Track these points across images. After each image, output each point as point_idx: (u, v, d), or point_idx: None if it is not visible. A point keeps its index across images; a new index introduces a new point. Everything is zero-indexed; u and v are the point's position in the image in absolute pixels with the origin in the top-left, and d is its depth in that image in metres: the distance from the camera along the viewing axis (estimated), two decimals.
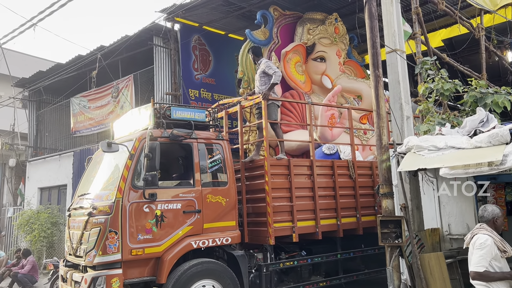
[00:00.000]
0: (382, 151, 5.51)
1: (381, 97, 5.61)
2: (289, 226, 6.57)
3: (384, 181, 5.43)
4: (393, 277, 5.22)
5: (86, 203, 5.78)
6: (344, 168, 7.48)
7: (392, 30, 6.10)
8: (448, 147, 4.83)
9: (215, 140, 6.41)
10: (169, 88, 11.06)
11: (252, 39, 9.30)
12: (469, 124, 5.29)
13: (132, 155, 5.58)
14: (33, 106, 15.71)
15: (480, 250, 3.90)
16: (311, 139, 7.28)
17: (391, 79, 6.07)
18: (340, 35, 10.66)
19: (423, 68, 6.97)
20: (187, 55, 11.17)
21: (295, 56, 9.81)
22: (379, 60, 5.70)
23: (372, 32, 5.75)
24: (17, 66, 20.52)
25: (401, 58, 6.08)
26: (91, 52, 12.06)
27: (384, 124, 5.55)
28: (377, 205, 7.52)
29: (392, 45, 6.07)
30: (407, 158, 5.06)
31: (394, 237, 5.24)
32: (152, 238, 5.44)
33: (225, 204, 6.16)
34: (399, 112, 5.95)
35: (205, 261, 5.79)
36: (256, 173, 6.76)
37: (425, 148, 4.95)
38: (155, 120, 6.02)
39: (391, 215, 5.32)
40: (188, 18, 11.04)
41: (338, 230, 7.10)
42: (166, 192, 5.75)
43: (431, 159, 4.77)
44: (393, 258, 5.26)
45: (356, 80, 10.48)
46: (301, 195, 6.80)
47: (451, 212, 6.22)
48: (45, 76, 13.68)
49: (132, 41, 11.20)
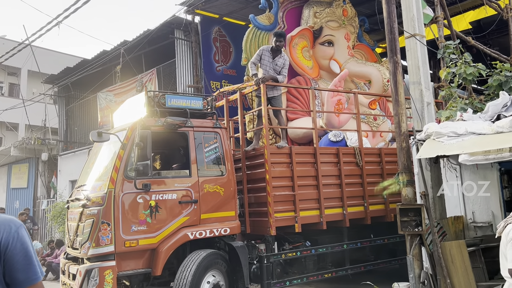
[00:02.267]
0: (402, 139, 5.42)
1: (400, 84, 5.51)
2: (292, 216, 6.37)
3: (404, 169, 5.35)
4: (414, 266, 5.16)
5: (82, 194, 5.65)
6: (350, 155, 7.18)
7: (411, 14, 5.95)
8: (469, 133, 4.71)
9: (212, 128, 6.20)
10: (191, 80, 11.16)
11: (256, 24, 8.95)
12: (491, 109, 5.15)
13: (125, 145, 5.42)
14: (62, 101, 16.18)
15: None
16: (314, 126, 7.03)
17: (411, 64, 5.94)
18: (349, 18, 10.11)
19: (446, 53, 6.81)
20: (208, 47, 11.21)
21: (301, 41, 9.39)
22: (397, 46, 5.59)
23: (390, 17, 5.63)
24: (46, 62, 21.21)
25: (421, 43, 5.93)
26: (115, 47, 12.29)
27: (403, 111, 5.45)
28: (386, 194, 7.20)
29: (411, 30, 5.93)
30: (426, 145, 4.97)
31: (414, 226, 5.17)
32: (146, 229, 5.29)
33: (223, 194, 5.97)
34: (419, 98, 5.81)
35: (213, 252, 5.67)
36: (257, 162, 6.55)
37: (445, 134, 4.85)
38: (149, 109, 5.83)
39: (410, 203, 5.25)
40: (208, 10, 11.06)
41: (344, 220, 6.85)
42: (161, 182, 5.59)
43: (450, 146, 4.67)
44: (413, 246, 5.19)
45: (365, 64, 9.90)
46: (304, 184, 6.56)
47: (475, 200, 6.08)
48: (73, 72, 14.03)
49: (154, 35, 11.35)
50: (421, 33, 6.03)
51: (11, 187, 17.89)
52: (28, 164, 16.73)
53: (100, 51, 12.99)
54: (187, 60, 11.27)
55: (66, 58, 22.64)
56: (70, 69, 14.26)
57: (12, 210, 17.07)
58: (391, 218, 7.20)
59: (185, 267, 5.34)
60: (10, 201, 17.85)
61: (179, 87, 11.06)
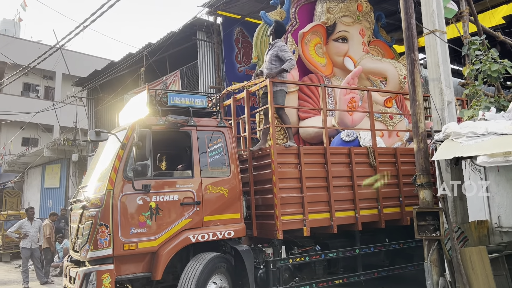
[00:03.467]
0: (419, 139, 5.20)
1: (417, 82, 5.29)
2: (300, 219, 6.07)
3: (421, 171, 5.13)
4: (431, 272, 4.94)
5: (83, 195, 5.51)
6: (363, 155, 6.84)
7: (430, 10, 5.71)
8: (489, 133, 4.46)
9: (216, 128, 5.98)
10: (213, 81, 11.16)
11: (267, 21, 8.68)
12: None
13: (124, 145, 5.25)
14: (92, 103, 16.58)
15: None
16: (324, 125, 6.72)
17: (430, 61, 5.69)
18: (364, 13, 9.68)
19: (471, 49, 6.52)
20: (230, 48, 11.18)
21: (314, 37, 9.07)
22: (414, 43, 5.38)
23: (407, 13, 5.43)
24: (79, 65, 21.88)
25: (441, 39, 5.68)
26: (140, 50, 12.46)
27: (420, 111, 5.23)
28: (401, 196, 6.91)
29: (430, 26, 5.68)
30: (444, 146, 4.74)
31: (432, 230, 4.95)
32: (146, 232, 5.11)
33: (227, 196, 5.75)
34: (439, 97, 5.56)
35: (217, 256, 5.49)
36: (263, 163, 6.29)
37: (463, 134, 4.61)
38: (151, 108, 5.68)
39: (428, 207, 5.02)
40: (229, 10, 11.03)
41: (357, 223, 6.53)
42: (162, 183, 5.39)
43: (468, 147, 4.43)
44: (431, 252, 4.97)
45: (380, 61, 9.49)
46: (313, 185, 6.26)
47: (501, 203, 5.78)
48: (101, 75, 14.34)
49: (177, 37, 11.41)
50: (442, 29, 5.77)
51: (45, 187, 18.52)
52: (60, 164, 17.25)
53: (126, 53, 13.22)
54: (209, 62, 11.29)
55: (96, 61, 23.31)
56: (98, 72, 14.57)
57: (45, 209, 17.66)
58: (407, 222, 6.86)
59: (189, 271, 5.20)
60: (44, 200, 18.48)
61: (201, 88, 11.08)
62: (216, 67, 11.23)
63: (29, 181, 20.10)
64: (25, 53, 22.71)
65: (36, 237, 10.05)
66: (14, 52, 23.73)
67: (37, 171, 19.11)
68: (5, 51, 23.31)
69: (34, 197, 19.17)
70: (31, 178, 19.85)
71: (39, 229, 10.20)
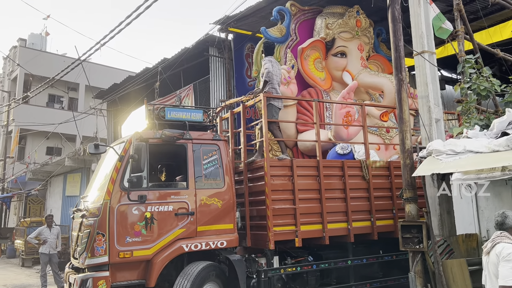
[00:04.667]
0: (405, 156, 5.47)
1: (404, 101, 5.57)
2: (292, 230, 6.23)
3: (407, 186, 5.39)
4: (415, 283, 5.18)
5: (83, 205, 5.78)
6: (356, 168, 6.98)
7: (419, 32, 6.00)
8: (466, 151, 4.71)
9: (211, 141, 6.20)
10: (224, 95, 11.61)
11: (267, 36, 8.96)
12: (497, 126, 5.09)
13: (122, 157, 5.51)
14: (111, 115, 17.27)
15: (509, 262, 3.62)
16: (317, 139, 6.89)
17: (419, 80, 5.97)
18: (363, 29, 9.94)
19: (465, 67, 6.74)
20: (240, 63, 11.60)
21: (313, 52, 9.33)
22: (402, 64, 5.67)
23: (396, 36, 5.73)
24: (101, 77, 22.81)
25: (430, 59, 5.95)
26: (156, 65, 13.04)
27: (407, 128, 5.51)
28: (395, 208, 7.02)
29: (419, 47, 5.97)
30: (425, 162, 5.01)
31: (416, 242, 5.20)
32: (141, 241, 5.32)
33: (221, 207, 5.94)
34: (427, 114, 5.83)
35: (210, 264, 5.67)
36: (257, 175, 6.49)
37: (444, 152, 4.87)
38: (149, 121, 5.96)
39: (412, 220, 5.28)
40: (240, 27, 11.47)
41: (349, 235, 6.64)
42: (157, 193, 5.62)
43: (447, 164, 4.69)
44: (415, 263, 5.22)
45: (377, 75, 9.68)
46: (306, 197, 6.43)
47: (490, 217, 5.91)
48: (119, 88, 15.00)
49: (190, 53, 11.94)
50: (431, 50, 6.05)
51: (66, 195, 19.22)
52: (81, 173, 17.91)
53: (143, 68, 13.84)
54: (220, 76, 11.75)
55: (116, 72, 24.24)
56: (117, 85, 15.24)
57: (66, 216, 18.34)
58: None
59: (182, 279, 5.39)
60: (65, 207, 19.17)
61: (212, 102, 11.54)
62: (227, 81, 11.69)
63: (51, 189, 20.88)
64: (51, 66, 23.77)
65: (55, 243, 10.55)
66: (40, 65, 24.90)
67: (59, 180, 19.86)
68: (32, 64, 24.51)
69: (56, 204, 19.90)
70: (54, 186, 20.62)
71: (57, 235, 10.72)
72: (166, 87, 13.11)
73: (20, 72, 25.27)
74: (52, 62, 25.04)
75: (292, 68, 8.97)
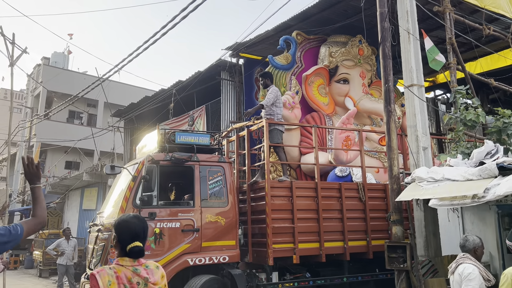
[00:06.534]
0: (393, 181, 5.95)
1: (393, 131, 6.08)
2: (290, 247, 6.64)
3: (394, 209, 5.86)
4: None
5: (99, 220, 6.33)
6: (353, 190, 7.42)
7: (409, 66, 6.52)
8: (444, 179, 5.16)
9: (217, 163, 6.71)
10: (234, 116, 12.23)
11: (274, 64, 9.56)
12: (476, 155, 5.53)
13: (135, 177, 6.03)
14: (128, 132, 18.05)
15: (471, 281, 4.02)
16: (316, 162, 7.33)
17: (408, 112, 6.47)
18: (365, 57, 10.56)
19: (457, 97, 7.21)
20: (250, 86, 12.24)
21: (318, 78, 9.95)
22: (391, 96, 6.19)
23: (386, 71, 6.28)
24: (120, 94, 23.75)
25: (418, 92, 6.45)
26: (170, 87, 13.79)
27: (395, 156, 5.99)
28: (390, 229, 7.44)
29: (409, 80, 6.48)
30: (408, 188, 5.47)
31: (401, 262, 5.64)
32: (150, 255, 5.63)
33: (224, 224, 6.39)
34: (415, 143, 6.31)
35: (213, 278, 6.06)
36: (259, 195, 6.97)
37: (425, 179, 5.32)
38: (160, 145, 6.51)
39: (398, 241, 5.73)
40: (251, 52, 12.14)
41: (345, 253, 7.03)
42: (166, 211, 6.11)
43: (426, 190, 5.15)
44: (399, 281, 5.65)
45: (377, 102, 10.21)
46: (304, 217, 6.85)
47: None
48: (136, 108, 15.77)
49: (203, 76, 12.63)
50: (420, 83, 6.54)
51: (83, 208, 19.99)
52: (97, 188, 18.67)
53: (159, 89, 14.60)
54: (231, 99, 12.40)
55: (134, 90, 25.20)
56: (134, 105, 16.03)
57: (83, 229, 19.05)
58: None
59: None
60: (82, 221, 19.92)
61: (223, 123, 12.16)
62: (237, 104, 12.33)
63: (69, 202, 21.69)
64: (72, 83, 24.89)
65: (72, 255, 11.18)
66: (62, 82, 26.06)
67: (77, 194, 20.65)
68: (55, 81, 25.67)
69: (73, 217, 20.67)
70: (71, 200, 21.43)
71: (74, 247, 11.35)
72: (180, 107, 13.82)
73: (42, 89, 26.43)
74: (74, 80, 26.19)
75: (297, 93, 9.55)
